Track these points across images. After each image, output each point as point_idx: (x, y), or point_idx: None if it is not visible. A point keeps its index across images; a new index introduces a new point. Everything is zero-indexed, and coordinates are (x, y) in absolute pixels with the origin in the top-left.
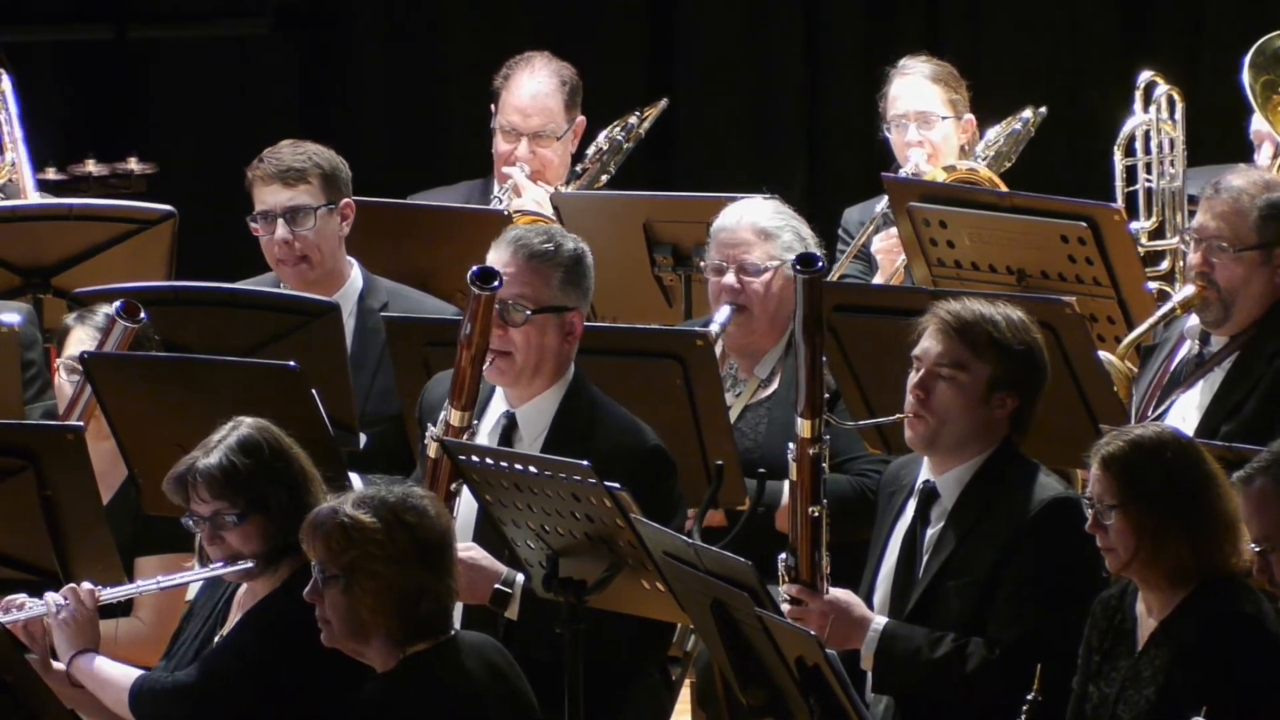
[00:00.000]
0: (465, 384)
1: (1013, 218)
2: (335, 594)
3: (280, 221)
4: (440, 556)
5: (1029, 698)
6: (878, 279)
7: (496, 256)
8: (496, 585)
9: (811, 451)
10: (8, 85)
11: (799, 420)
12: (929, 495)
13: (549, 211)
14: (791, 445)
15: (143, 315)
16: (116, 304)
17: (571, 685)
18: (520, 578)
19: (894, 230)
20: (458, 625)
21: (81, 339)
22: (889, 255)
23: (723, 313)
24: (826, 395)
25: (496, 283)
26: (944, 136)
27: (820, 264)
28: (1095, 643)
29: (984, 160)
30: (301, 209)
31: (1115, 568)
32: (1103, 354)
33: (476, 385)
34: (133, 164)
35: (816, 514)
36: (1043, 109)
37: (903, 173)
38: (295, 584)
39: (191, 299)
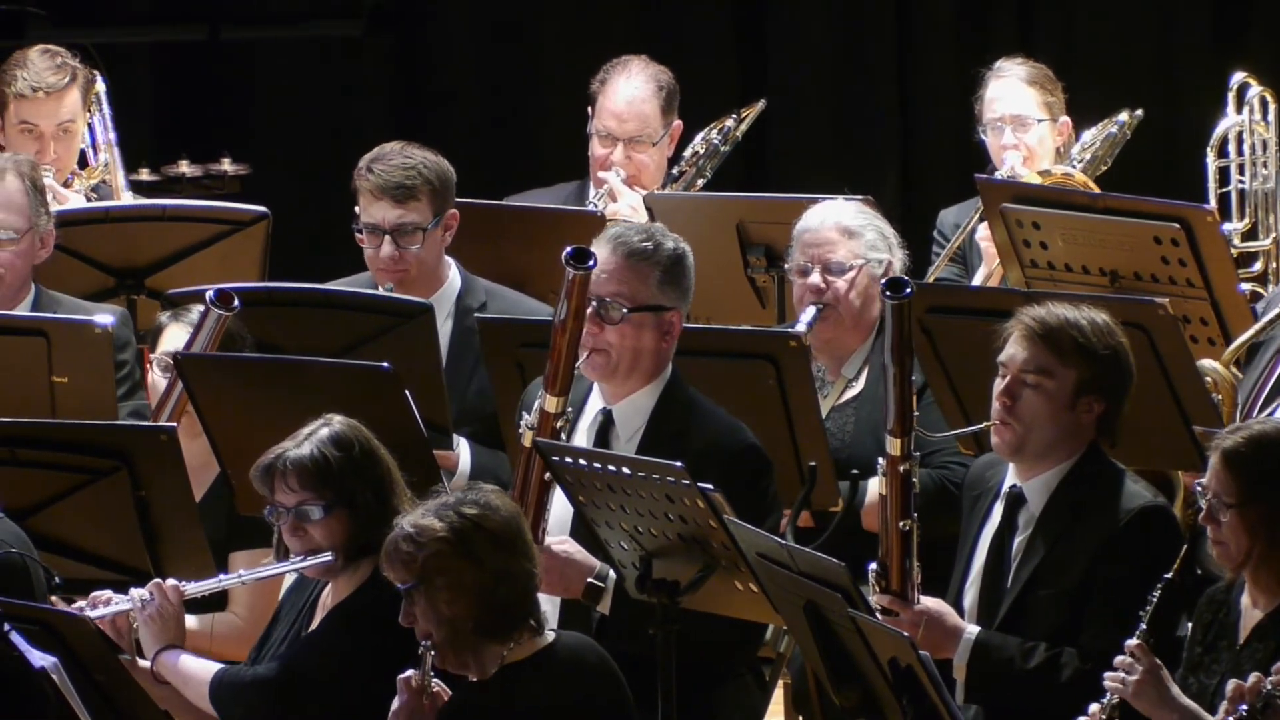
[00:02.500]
0: (560, 369)
1: (1106, 219)
2: (421, 603)
3: (387, 239)
4: (511, 542)
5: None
6: (982, 270)
7: (596, 253)
8: (589, 579)
9: (902, 469)
10: (102, 87)
11: (889, 439)
12: (1016, 500)
13: (644, 216)
14: (882, 460)
15: (236, 304)
16: (210, 291)
17: (664, 686)
18: (613, 572)
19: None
20: (554, 624)
21: (176, 336)
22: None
23: (808, 313)
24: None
25: (591, 262)
26: (1039, 139)
27: (909, 290)
28: (1198, 635)
29: (1080, 164)
30: (410, 227)
31: (1225, 562)
32: (1208, 361)
33: (571, 370)
34: (226, 165)
35: (907, 528)
36: (1139, 112)
37: (998, 175)
38: (377, 581)
39: (285, 300)
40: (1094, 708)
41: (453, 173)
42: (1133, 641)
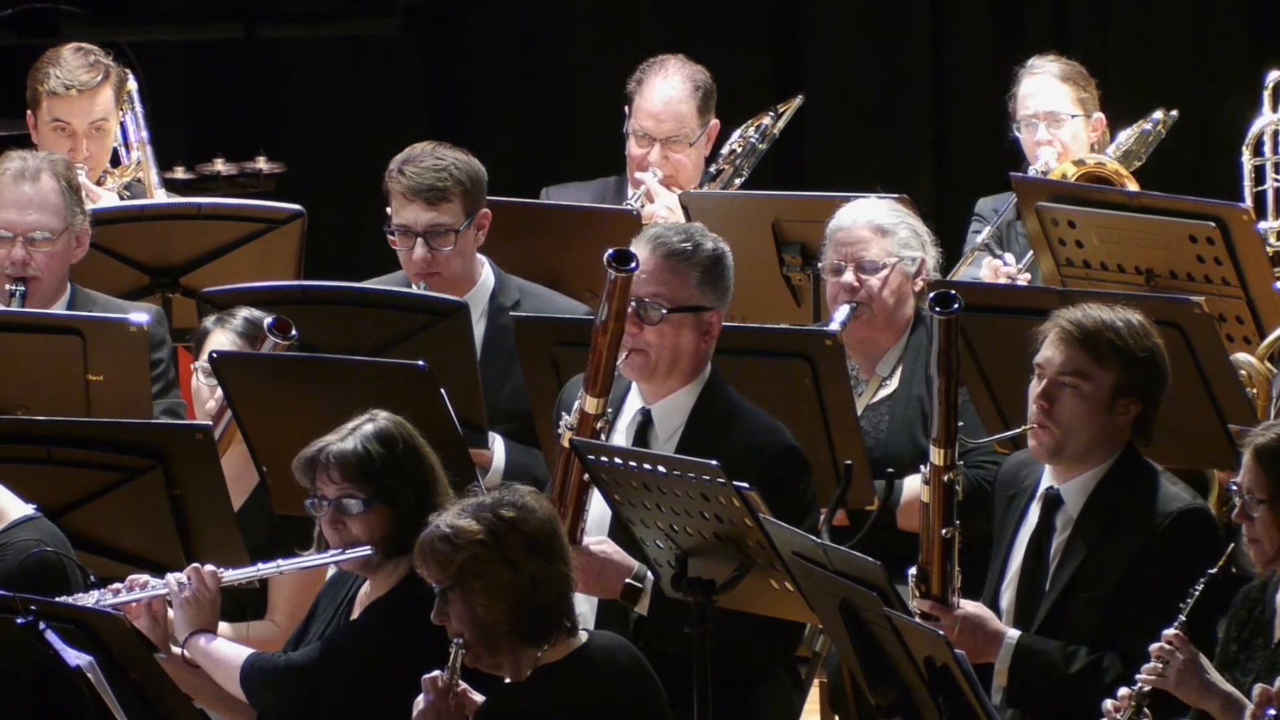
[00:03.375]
0: (600, 370)
1: (1141, 218)
2: (456, 604)
3: (420, 240)
4: (547, 544)
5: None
6: (1028, 255)
7: (636, 253)
8: (627, 580)
9: (945, 478)
10: (134, 85)
11: (933, 448)
12: (1053, 502)
13: (680, 217)
14: (924, 469)
15: (294, 333)
16: (269, 320)
17: (700, 685)
18: (651, 574)
19: (996, 263)
20: (591, 624)
21: (220, 342)
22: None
23: (842, 312)
24: None
25: (633, 264)
26: (1074, 135)
27: (957, 305)
28: (1233, 633)
29: (1114, 158)
30: (443, 229)
31: (1260, 560)
32: (1243, 355)
33: (611, 371)
34: (261, 163)
35: (949, 535)
36: (1174, 111)
37: (1032, 171)
38: (415, 577)
39: (320, 298)
40: (1108, 704)
41: (484, 172)
42: (1170, 631)
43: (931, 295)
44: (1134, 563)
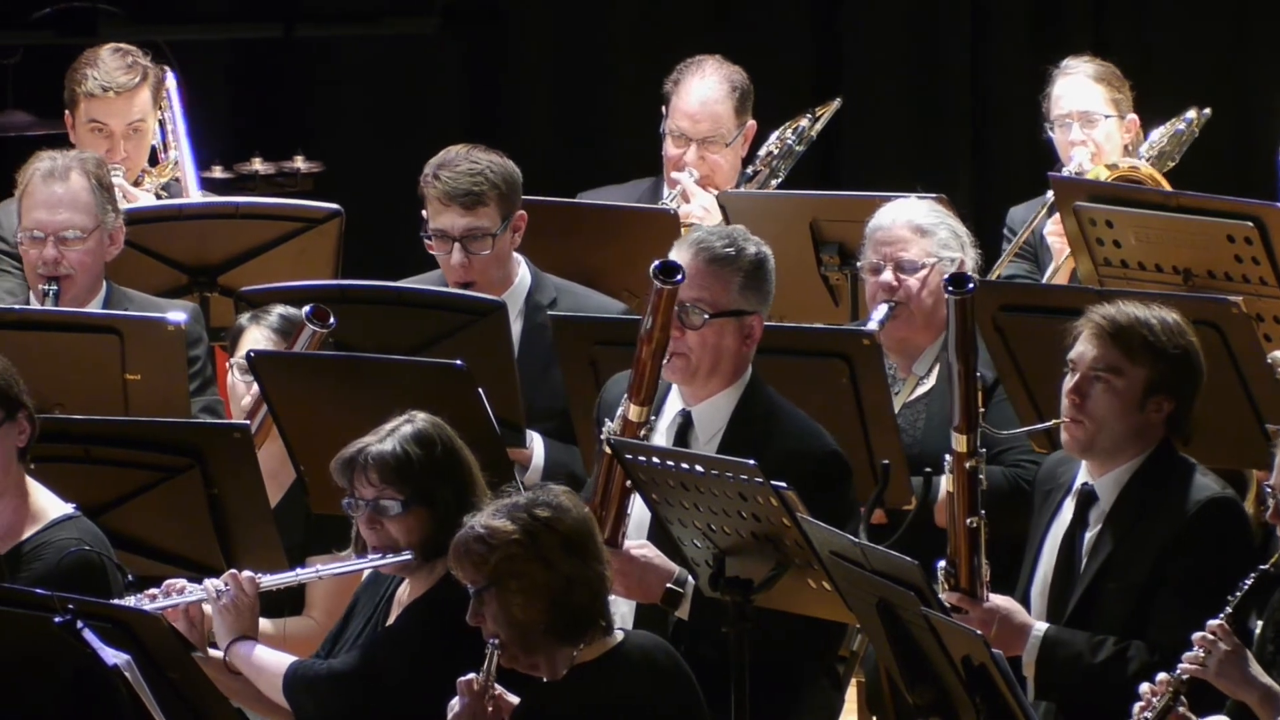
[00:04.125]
0: (644, 379)
1: (1179, 217)
2: (491, 605)
3: (457, 245)
4: (583, 544)
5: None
6: (1051, 266)
7: (678, 257)
8: (668, 584)
9: (968, 465)
10: (172, 83)
11: (954, 435)
12: (1087, 498)
13: (717, 217)
14: (948, 458)
15: (332, 321)
16: (307, 308)
17: (738, 685)
18: (692, 578)
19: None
20: (629, 625)
21: (255, 339)
22: (1062, 239)
23: (880, 311)
24: (982, 386)
25: (679, 276)
26: (1107, 135)
27: (972, 285)
28: (1269, 632)
29: (1147, 160)
30: (479, 233)
31: None
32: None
33: (656, 380)
34: (299, 163)
35: (974, 524)
36: (1206, 110)
37: (1066, 172)
38: (453, 578)
39: (358, 297)
40: (1145, 689)
41: (519, 173)
42: (1214, 621)
43: (946, 276)
44: (1162, 552)
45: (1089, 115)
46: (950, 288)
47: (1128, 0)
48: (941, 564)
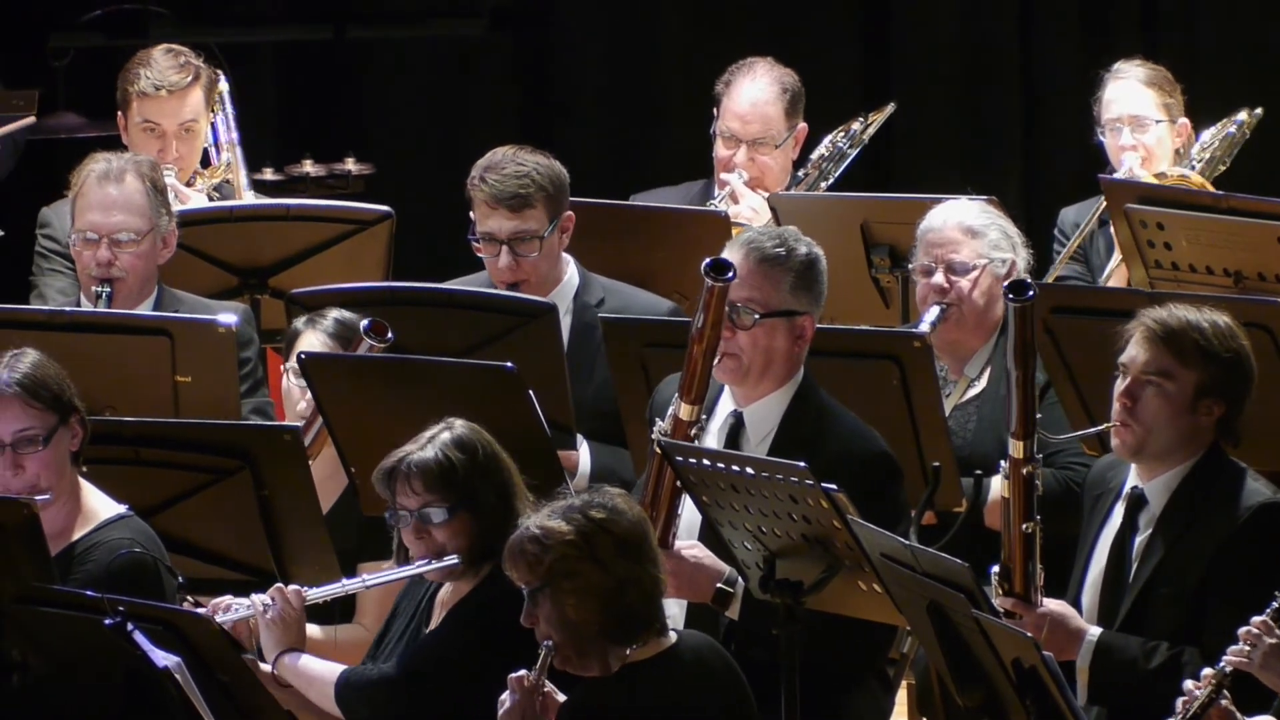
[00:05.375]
0: (695, 378)
1: (1230, 219)
2: (545, 606)
3: (505, 248)
4: (637, 546)
5: None
6: (1107, 268)
7: (729, 258)
8: (719, 585)
9: (1024, 471)
10: (225, 87)
11: (1011, 441)
12: (1137, 502)
13: (765, 218)
14: (1003, 463)
15: (390, 336)
16: (364, 322)
17: (788, 686)
18: (743, 578)
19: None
20: (680, 625)
21: (311, 343)
22: None
23: (931, 313)
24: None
25: (730, 274)
26: (1158, 140)
27: (1032, 292)
28: None
29: (1198, 163)
30: (527, 235)
31: None
32: None
33: (707, 379)
34: (350, 165)
35: (1030, 530)
36: (1258, 110)
37: (1116, 176)
38: (498, 577)
39: (408, 299)
40: (1189, 684)
41: (566, 175)
42: (1259, 618)
43: (1006, 283)
44: (1214, 558)
45: (1140, 120)
46: (1010, 294)
47: (1178, 1)
48: (994, 569)
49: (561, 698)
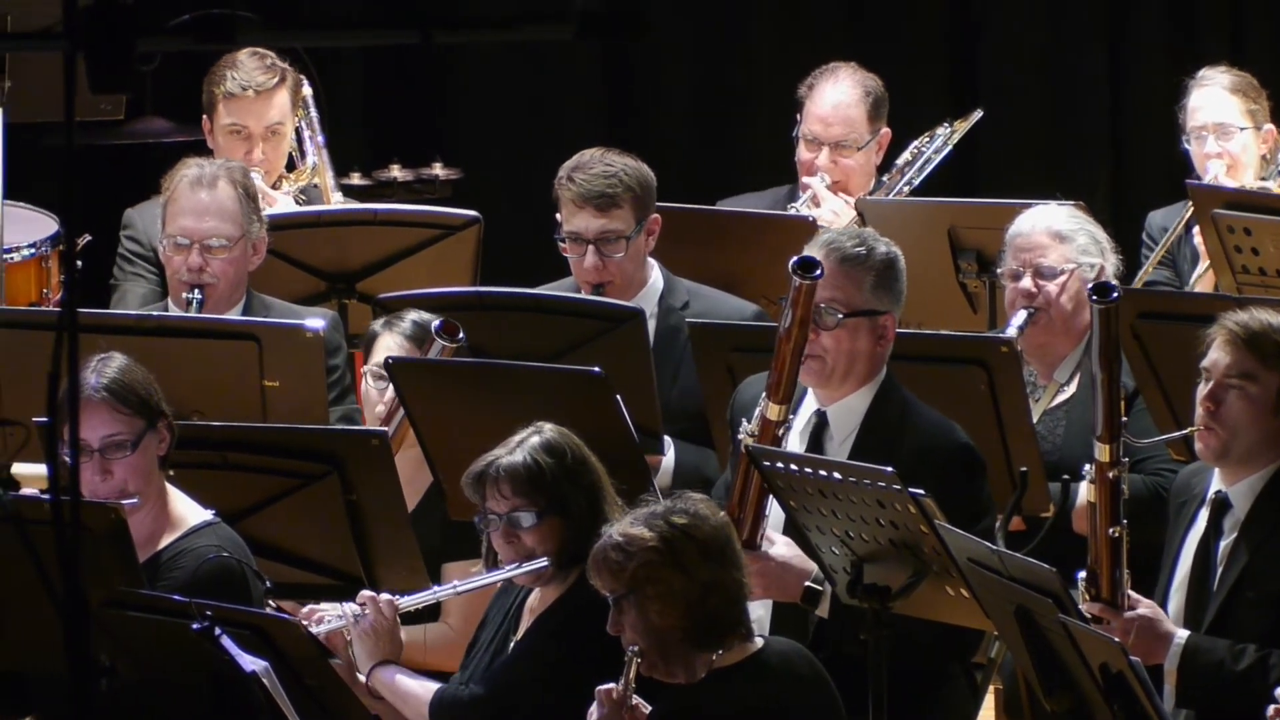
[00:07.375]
0: (783, 377)
1: None
2: (630, 613)
3: (590, 248)
4: (720, 551)
5: None
6: (1195, 273)
7: None
8: (807, 583)
9: (1110, 475)
10: (309, 91)
11: (1097, 445)
12: (1221, 506)
13: (846, 221)
14: (1089, 467)
15: (461, 336)
16: (436, 322)
17: (876, 691)
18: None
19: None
20: (766, 629)
21: (389, 346)
22: None
23: (1019, 317)
24: (1123, 395)
25: (818, 271)
26: (1243, 147)
27: (1116, 294)
28: None
29: None
30: (614, 235)
31: None
32: None
33: (795, 379)
34: (437, 169)
35: (1116, 534)
36: None
37: (1204, 182)
38: (585, 583)
39: (496, 304)
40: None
41: (653, 177)
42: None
43: (1090, 285)
44: None
45: (1224, 127)
46: (1094, 296)
47: (1265, 6)
48: (1081, 574)
49: (648, 709)
